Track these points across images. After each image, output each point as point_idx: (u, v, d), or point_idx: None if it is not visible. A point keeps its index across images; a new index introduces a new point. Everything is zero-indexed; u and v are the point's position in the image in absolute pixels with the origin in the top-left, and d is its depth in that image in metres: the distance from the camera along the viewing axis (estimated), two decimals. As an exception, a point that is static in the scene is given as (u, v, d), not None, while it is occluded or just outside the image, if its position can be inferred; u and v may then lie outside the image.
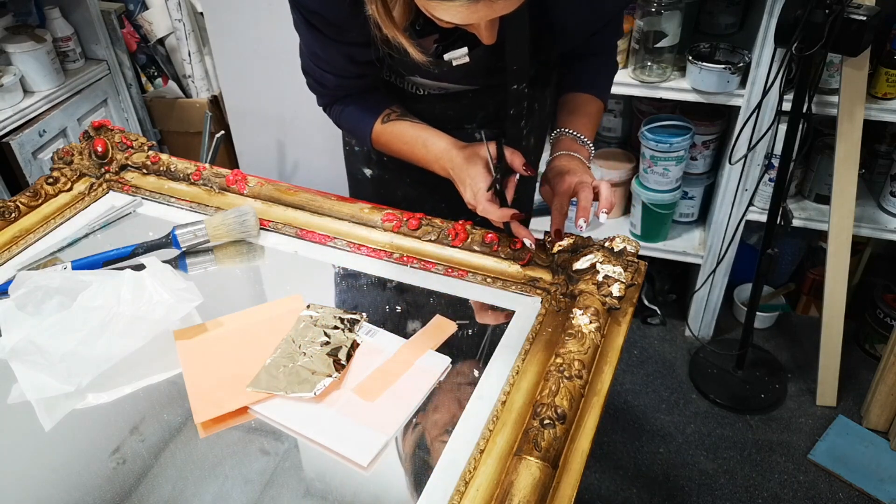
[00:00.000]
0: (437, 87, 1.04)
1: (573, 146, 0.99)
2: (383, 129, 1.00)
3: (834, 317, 1.84)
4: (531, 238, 0.92)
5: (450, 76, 0.99)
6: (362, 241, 0.99)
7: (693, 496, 1.72)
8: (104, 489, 0.69)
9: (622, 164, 2.03)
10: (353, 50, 0.90)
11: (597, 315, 0.80)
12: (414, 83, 1.04)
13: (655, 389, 2.00)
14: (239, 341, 0.85)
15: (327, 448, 0.71)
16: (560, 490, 0.65)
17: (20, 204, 1.06)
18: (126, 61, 2.22)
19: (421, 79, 1.02)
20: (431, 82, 1.02)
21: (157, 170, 1.14)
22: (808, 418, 1.90)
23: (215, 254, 1.01)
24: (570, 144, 0.99)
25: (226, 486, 0.70)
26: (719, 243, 1.92)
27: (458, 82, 1.02)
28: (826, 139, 1.86)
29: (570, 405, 0.70)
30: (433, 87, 1.04)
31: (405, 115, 1.00)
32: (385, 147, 1.02)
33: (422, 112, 1.06)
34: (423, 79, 1.02)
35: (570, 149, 0.98)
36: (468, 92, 1.04)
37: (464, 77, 1.00)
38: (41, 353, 0.78)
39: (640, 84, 1.76)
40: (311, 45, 0.93)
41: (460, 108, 1.06)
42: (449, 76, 0.99)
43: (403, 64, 0.93)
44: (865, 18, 1.38)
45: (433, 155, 0.96)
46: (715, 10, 1.89)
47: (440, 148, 0.95)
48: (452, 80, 1.01)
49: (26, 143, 1.88)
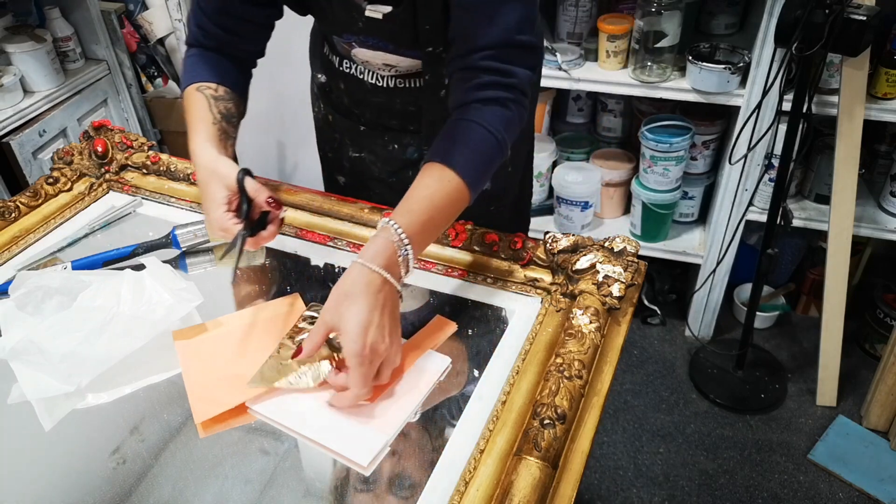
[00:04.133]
0: (385, 66, 1.01)
1: (387, 259, 0.74)
2: (187, 95, 0.96)
3: (834, 317, 1.84)
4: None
5: (370, 32, 0.95)
6: (362, 241, 0.99)
7: (693, 496, 1.72)
8: (104, 489, 0.69)
9: (622, 164, 2.03)
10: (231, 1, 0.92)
11: (597, 315, 0.80)
12: (370, 70, 1.03)
13: (655, 389, 2.00)
14: (239, 341, 0.85)
15: (327, 448, 0.71)
16: (560, 490, 0.65)
17: (20, 204, 1.06)
18: (126, 61, 2.22)
19: (350, 41, 0.99)
20: (365, 51, 1.00)
21: (157, 170, 1.14)
22: (808, 418, 1.90)
23: (215, 254, 1.01)
24: (382, 250, 0.74)
25: (226, 486, 0.70)
26: (719, 243, 1.92)
27: (383, 43, 0.97)
28: (826, 139, 1.86)
29: (570, 405, 0.70)
30: (378, 65, 1.01)
31: (218, 99, 0.94)
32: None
33: (384, 105, 1.07)
34: (351, 39, 0.99)
35: (375, 254, 0.74)
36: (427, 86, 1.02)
37: (387, 38, 0.96)
38: (41, 353, 0.78)
39: (640, 84, 1.76)
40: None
41: (420, 105, 1.05)
42: (370, 32, 0.95)
43: (332, 16, 0.94)
44: (865, 18, 1.38)
45: (191, 151, 0.93)
46: (715, 10, 1.89)
47: (194, 151, 0.91)
48: (376, 41, 0.97)
49: (26, 143, 1.88)
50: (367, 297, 0.71)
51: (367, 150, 1.14)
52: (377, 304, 0.72)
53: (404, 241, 0.75)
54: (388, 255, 0.74)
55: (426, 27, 0.89)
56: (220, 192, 0.86)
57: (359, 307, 0.71)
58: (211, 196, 0.86)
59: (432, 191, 0.79)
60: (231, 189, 0.86)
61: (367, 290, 0.72)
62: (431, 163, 0.80)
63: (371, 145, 1.13)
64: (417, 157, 1.11)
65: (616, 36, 1.74)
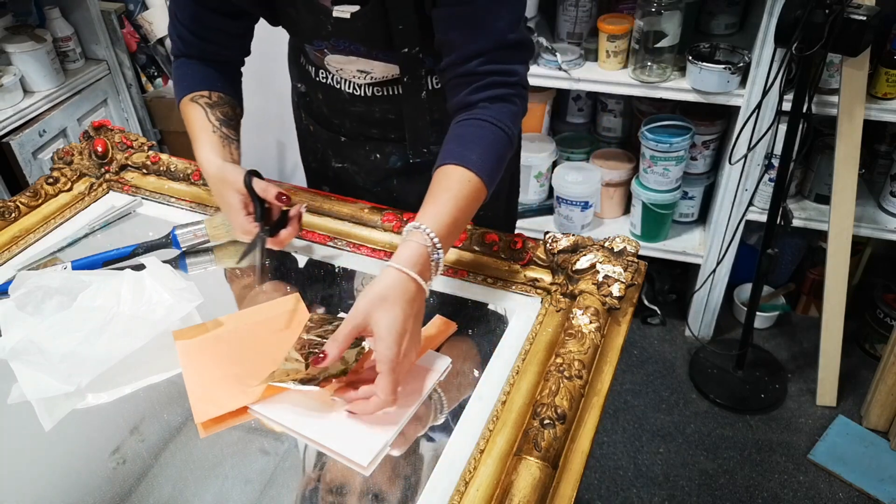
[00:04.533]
0: (360, 73, 1.00)
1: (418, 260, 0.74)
2: (183, 106, 0.97)
3: (834, 317, 1.84)
4: None
5: (341, 35, 0.94)
6: (362, 241, 0.99)
7: (693, 496, 1.72)
8: (104, 489, 0.69)
9: (622, 164, 2.03)
10: (204, 13, 0.93)
11: (597, 315, 0.80)
12: (343, 78, 1.02)
13: (655, 389, 2.00)
14: (239, 341, 0.85)
15: (327, 448, 0.71)
16: (560, 490, 0.65)
17: (20, 204, 1.06)
18: (126, 61, 2.22)
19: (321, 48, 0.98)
20: (338, 57, 0.98)
21: (157, 170, 1.14)
22: (808, 418, 1.90)
23: (215, 254, 1.01)
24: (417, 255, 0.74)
25: (226, 486, 0.70)
26: (719, 243, 1.92)
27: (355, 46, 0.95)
28: (826, 139, 1.86)
29: (570, 405, 0.70)
30: (353, 72, 1.00)
31: (213, 106, 0.96)
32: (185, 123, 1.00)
33: (363, 115, 1.05)
34: (322, 46, 0.97)
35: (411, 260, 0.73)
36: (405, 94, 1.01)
37: (358, 39, 0.93)
38: (41, 353, 0.78)
39: (640, 84, 1.76)
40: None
41: (400, 112, 1.04)
42: (340, 35, 0.93)
43: (300, 24, 0.94)
44: (865, 18, 1.38)
45: (198, 164, 0.94)
46: (715, 10, 1.89)
47: (201, 163, 0.93)
48: (347, 44, 0.95)
49: (26, 143, 1.88)
50: (403, 304, 0.71)
51: (349, 160, 1.13)
52: (411, 313, 0.72)
53: (437, 244, 0.75)
54: (422, 261, 0.74)
55: (399, 27, 0.88)
56: (233, 197, 0.88)
57: (395, 314, 0.70)
58: (227, 203, 0.88)
59: (454, 192, 0.78)
60: (243, 192, 0.87)
61: (403, 298, 0.71)
62: (449, 165, 0.80)
63: (353, 156, 1.12)
64: (401, 165, 1.10)
65: (616, 36, 1.74)
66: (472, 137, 0.82)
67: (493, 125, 0.83)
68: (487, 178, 0.80)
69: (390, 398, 0.70)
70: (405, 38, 0.90)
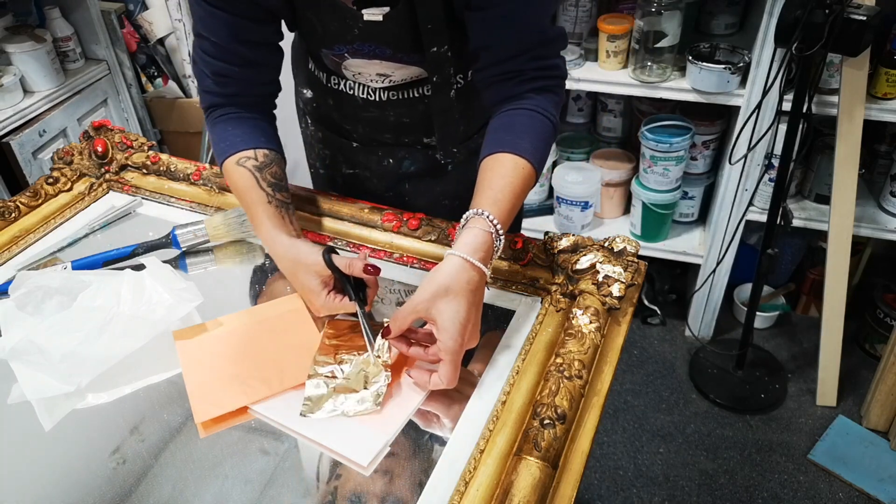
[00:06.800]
0: (379, 76, 0.98)
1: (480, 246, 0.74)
2: (228, 171, 0.91)
3: (834, 317, 1.84)
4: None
5: (367, 38, 0.91)
6: (362, 241, 0.99)
7: (693, 496, 1.72)
8: (104, 489, 0.69)
9: (622, 164, 2.03)
10: (242, 24, 0.86)
11: (597, 315, 0.80)
12: (359, 82, 1.00)
13: (655, 389, 2.00)
14: (239, 341, 0.85)
15: (327, 448, 0.71)
16: (560, 490, 0.65)
17: (20, 204, 1.06)
18: (126, 61, 2.22)
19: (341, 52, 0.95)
20: (359, 61, 0.96)
21: (157, 170, 1.14)
22: (808, 418, 1.90)
23: (215, 254, 1.01)
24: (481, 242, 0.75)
25: (226, 486, 0.70)
26: (719, 243, 1.92)
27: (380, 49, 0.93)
28: (826, 139, 1.86)
29: (570, 405, 0.70)
30: (372, 76, 0.98)
31: (262, 168, 0.90)
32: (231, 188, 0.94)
33: (376, 120, 1.04)
34: (343, 51, 0.95)
35: (475, 247, 0.74)
36: (423, 98, 1.01)
37: (385, 42, 0.92)
38: (41, 353, 0.78)
39: (640, 84, 1.76)
40: (198, 21, 0.87)
41: (417, 115, 1.03)
42: (367, 38, 0.91)
43: (322, 29, 0.92)
44: (865, 18, 1.38)
45: (262, 241, 0.90)
46: (715, 10, 1.90)
47: (266, 243, 0.89)
48: (372, 47, 0.93)
49: (26, 143, 1.88)
50: (468, 294, 0.72)
51: (360, 166, 1.13)
52: (474, 303, 0.73)
53: (500, 231, 0.76)
54: (486, 248, 0.75)
55: (427, 26, 0.88)
56: (312, 280, 0.83)
57: (459, 304, 0.71)
58: (306, 287, 0.84)
59: (510, 180, 0.80)
60: (322, 275, 0.83)
61: (468, 288, 0.72)
62: (501, 153, 0.82)
63: (365, 161, 1.12)
64: (414, 170, 1.10)
65: (616, 36, 1.74)
66: (522, 126, 0.85)
67: (540, 114, 0.85)
68: (538, 166, 0.83)
69: (452, 384, 0.72)
70: (433, 37, 0.90)
